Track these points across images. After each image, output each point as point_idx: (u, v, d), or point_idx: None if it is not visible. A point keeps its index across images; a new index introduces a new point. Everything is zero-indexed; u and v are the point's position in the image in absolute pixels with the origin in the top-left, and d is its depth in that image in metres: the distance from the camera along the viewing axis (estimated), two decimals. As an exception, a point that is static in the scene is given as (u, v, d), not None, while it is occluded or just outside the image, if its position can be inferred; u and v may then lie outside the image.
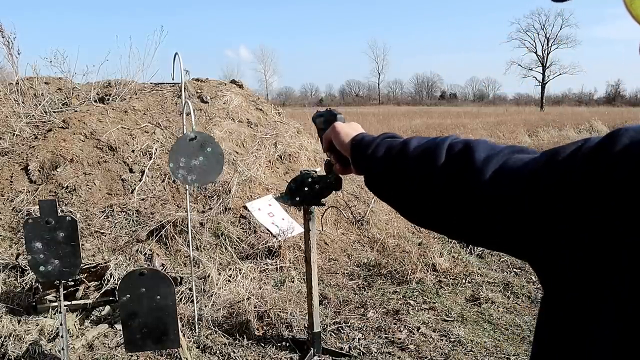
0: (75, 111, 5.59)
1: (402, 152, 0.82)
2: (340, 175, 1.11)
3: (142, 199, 4.77)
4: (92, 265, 3.81)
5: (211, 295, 3.88)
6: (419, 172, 0.77)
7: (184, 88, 3.90)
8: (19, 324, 3.41)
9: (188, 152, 3.18)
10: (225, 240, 4.60)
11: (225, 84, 7.13)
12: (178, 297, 3.74)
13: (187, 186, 3.53)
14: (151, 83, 6.89)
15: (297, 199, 2.96)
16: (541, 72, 52.93)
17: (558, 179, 0.56)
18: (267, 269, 4.43)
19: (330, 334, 3.55)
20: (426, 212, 0.77)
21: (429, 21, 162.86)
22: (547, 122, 17.67)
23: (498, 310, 3.89)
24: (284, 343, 3.38)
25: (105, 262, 3.86)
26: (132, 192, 4.79)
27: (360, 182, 6.81)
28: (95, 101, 5.99)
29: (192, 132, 3.21)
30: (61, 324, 2.74)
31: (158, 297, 2.54)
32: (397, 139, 0.89)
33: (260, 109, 6.86)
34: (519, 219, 0.60)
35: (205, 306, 3.76)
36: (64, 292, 2.98)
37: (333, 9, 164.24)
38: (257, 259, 4.50)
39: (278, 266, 4.48)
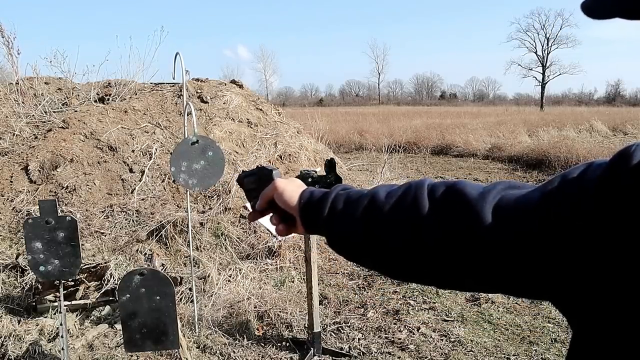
0: (75, 111, 5.59)
1: (371, 208, 0.71)
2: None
3: (142, 199, 4.77)
4: (92, 265, 3.81)
5: (211, 295, 3.88)
6: (400, 228, 0.66)
7: (185, 88, 3.90)
8: (19, 324, 3.41)
9: (190, 156, 3.19)
10: (225, 240, 4.60)
11: (225, 84, 7.13)
12: (178, 297, 3.74)
13: (187, 186, 3.53)
14: (151, 83, 6.90)
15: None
16: (541, 72, 52.85)
17: (570, 207, 0.51)
18: (267, 269, 4.43)
19: (330, 334, 3.55)
20: (418, 268, 0.66)
21: (429, 21, 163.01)
22: (547, 122, 17.65)
23: (498, 310, 3.89)
24: (284, 343, 3.38)
25: (105, 262, 3.86)
26: (132, 192, 4.79)
27: (360, 182, 6.81)
28: (95, 101, 6.00)
29: (193, 136, 3.21)
30: (61, 324, 2.74)
31: (157, 297, 2.55)
32: (351, 190, 0.78)
33: (260, 109, 6.86)
34: (532, 257, 0.54)
35: (205, 306, 3.76)
36: (64, 292, 2.98)
37: (333, 9, 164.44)
38: (257, 259, 4.50)
39: (278, 266, 4.48)
